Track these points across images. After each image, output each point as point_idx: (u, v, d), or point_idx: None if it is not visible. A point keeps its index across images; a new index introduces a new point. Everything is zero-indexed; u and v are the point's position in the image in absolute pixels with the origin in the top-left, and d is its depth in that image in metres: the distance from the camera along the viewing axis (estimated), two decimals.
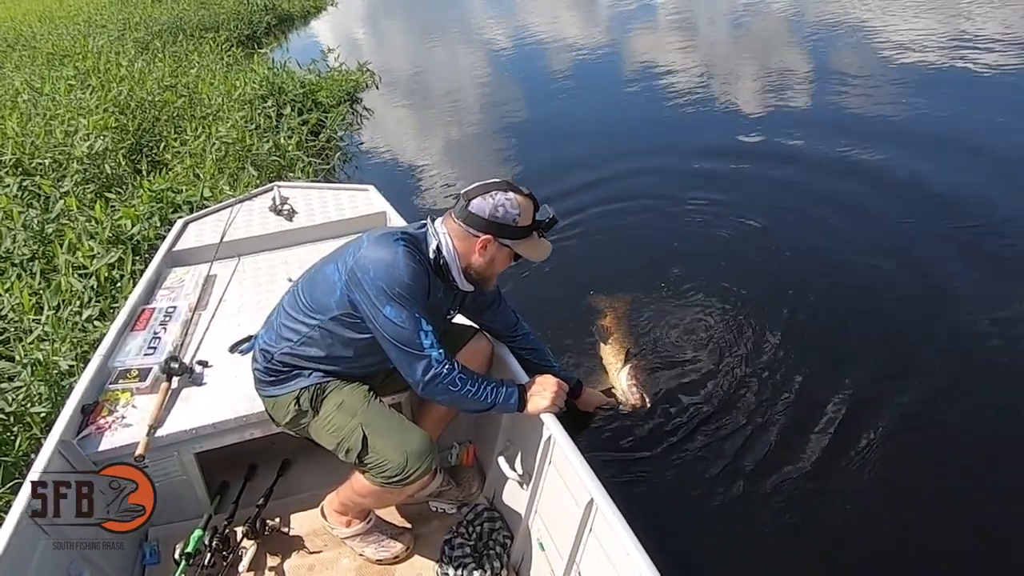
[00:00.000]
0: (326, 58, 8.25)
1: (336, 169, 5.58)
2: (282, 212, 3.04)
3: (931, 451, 2.34)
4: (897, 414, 2.45)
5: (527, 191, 1.76)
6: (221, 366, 2.18)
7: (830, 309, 3.01)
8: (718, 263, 3.39)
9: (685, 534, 2.13)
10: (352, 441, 1.72)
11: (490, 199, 1.70)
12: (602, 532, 1.59)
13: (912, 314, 2.94)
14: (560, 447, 1.74)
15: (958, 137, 4.53)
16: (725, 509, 2.18)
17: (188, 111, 5.74)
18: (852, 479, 2.23)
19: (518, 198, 1.72)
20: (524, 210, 1.73)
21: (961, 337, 2.80)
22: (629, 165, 4.72)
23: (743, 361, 2.75)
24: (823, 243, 3.53)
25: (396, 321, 1.63)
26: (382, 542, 1.98)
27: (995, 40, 6.29)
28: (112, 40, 9.21)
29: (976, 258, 3.26)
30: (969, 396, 2.53)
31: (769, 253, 3.48)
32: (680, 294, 3.20)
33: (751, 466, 2.31)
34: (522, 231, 1.74)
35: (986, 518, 2.10)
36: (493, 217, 1.70)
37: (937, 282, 3.12)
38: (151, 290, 2.61)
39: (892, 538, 2.05)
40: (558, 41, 8.97)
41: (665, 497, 2.27)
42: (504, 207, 1.70)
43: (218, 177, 4.47)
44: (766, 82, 6.19)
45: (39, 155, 4.45)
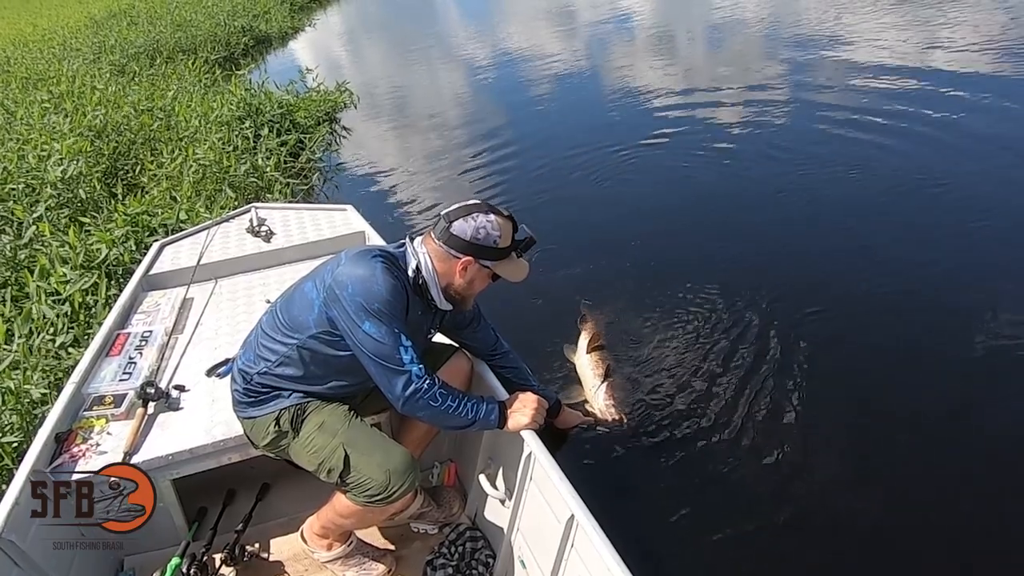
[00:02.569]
0: (304, 79, 8.27)
1: (315, 189, 5.57)
2: (260, 233, 3.03)
3: (913, 467, 2.34)
4: (886, 424, 2.48)
5: (507, 212, 1.79)
6: (198, 390, 2.16)
7: (815, 321, 3.03)
8: (698, 276, 3.42)
9: (666, 550, 2.13)
10: (334, 461, 1.72)
11: (472, 221, 1.72)
12: (583, 548, 1.59)
13: (903, 322, 2.98)
14: (540, 464, 1.74)
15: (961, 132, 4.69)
16: (707, 524, 2.19)
17: (165, 133, 5.71)
18: (836, 495, 2.25)
19: (499, 220, 1.75)
20: (504, 232, 1.75)
21: (946, 341, 2.84)
22: (608, 180, 4.80)
23: (724, 375, 2.76)
24: (809, 252, 3.61)
25: (375, 336, 1.63)
26: (364, 565, 1.96)
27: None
28: (87, 63, 9.14)
29: (969, 261, 3.35)
30: (963, 396, 2.57)
31: (752, 264, 3.51)
32: (660, 308, 3.23)
33: (733, 481, 2.32)
34: (502, 252, 1.76)
35: (987, 517, 2.12)
36: (475, 239, 1.72)
37: (926, 288, 3.18)
38: (126, 315, 2.58)
39: (884, 550, 2.07)
40: (537, 57, 9.06)
41: (646, 512, 2.27)
42: (485, 229, 1.72)
43: (195, 200, 4.45)
44: (751, 87, 6.32)
45: (12, 180, 4.39)
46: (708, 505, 2.24)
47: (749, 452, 2.40)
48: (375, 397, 1.88)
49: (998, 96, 5.26)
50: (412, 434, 2.04)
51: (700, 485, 2.32)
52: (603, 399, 2.58)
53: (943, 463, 2.32)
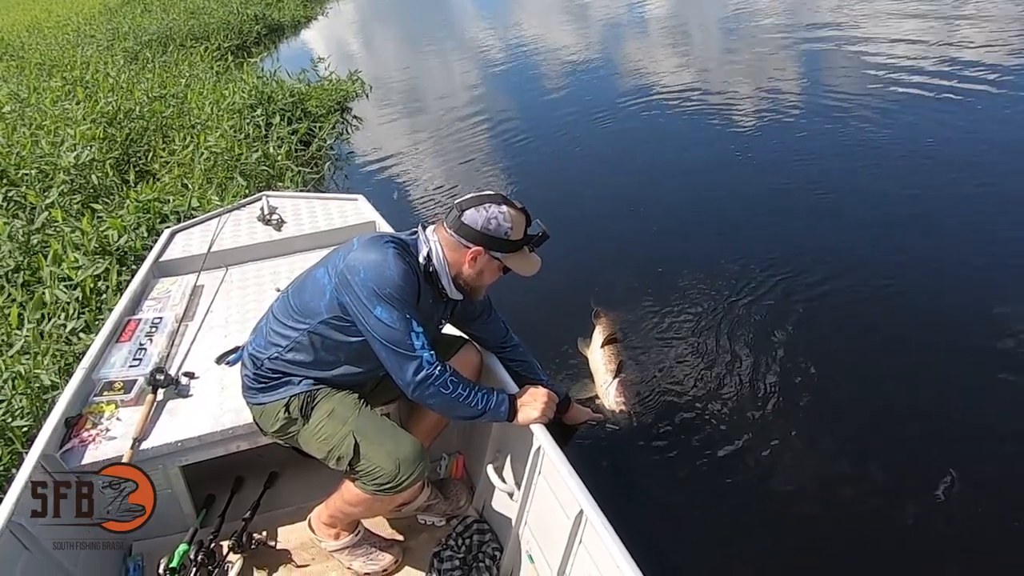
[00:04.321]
0: (316, 67, 8.25)
1: (326, 178, 5.57)
2: (270, 222, 3.03)
3: (921, 464, 2.31)
4: (898, 422, 2.45)
5: (520, 205, 1.77)
6: (208, 378, 2.16)
7: (830, 319, 3.00)
8: (714, 273, 3.39)
9: (675, 546, 2.12)
10: (343, 449, 1.71)
11: (483, 211, 1.70)
12: (592, 544, 1.58)
13: (913, 320, 2.95)
14: (550, 458, 1.73)
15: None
16: (716, 521, 2.18)
17: (177, 121, 5.71)
18: (847, 491, 2.22)
19: (511, 211, 1.72)
20: (516, 224, 1.73)
21: (952, 344, 2.80)
22: (623, 172, 4.76)
23: (737, 373, 2.74)
24: (825, 249, 3.53)
25: (387, 322, 1.62)
26: (371, 555, 1.96)
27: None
28: (101, 50, 9.17)
29: (975, 261, 3.29)
30: (971, 395, 2.54)
31: (766, 263, 3.45)
32: (674, 305, 3.19)
33: (743, 478, 2.30)
34: (513, 245, 1.74)
35: (988, 516, 2.10)
36: (486, 229, 1.70)
37: (933, 287, 3.14)
38: (137, 301, 2.59)
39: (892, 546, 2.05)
40: (551, 48, 9.00)
41: (655, 509, 2.26)
42: (497, 219, 1.70)
43: (206, 187, 4.45)
44: (764, 88, 6.23)
45: (25, 166, 4.41)
46: (717, 502, 2.23)
47: (760, 450, 2.38)
48: (385, 387, 1.87)
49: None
50: (421, 425, 2.03)
51: (712, 485, 2.29)
52: (614, 395, 2.55)
53: (969, 465, 2.26)
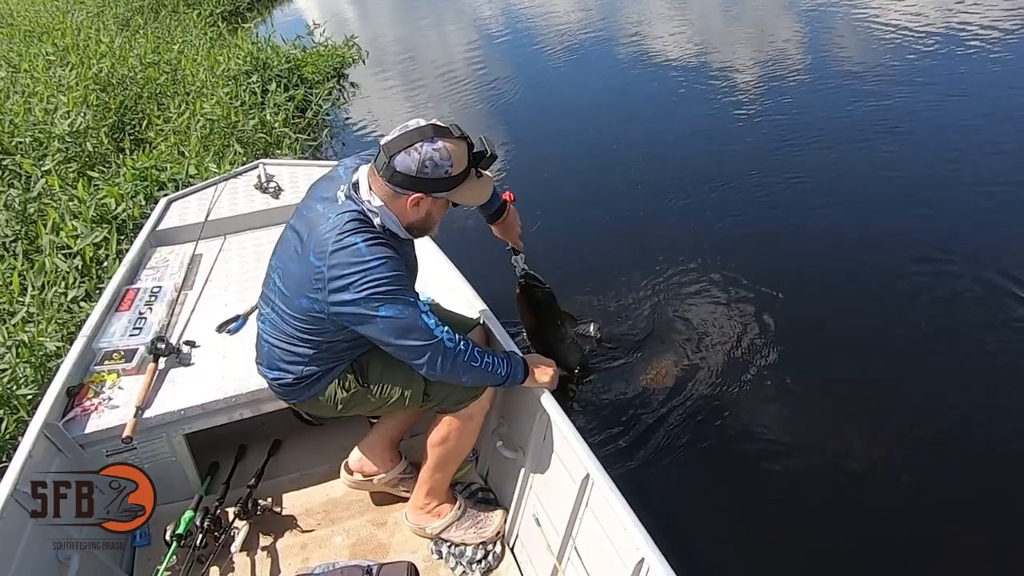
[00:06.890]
0: (312, 33, 8.08)
1: (323, 145, 5.49)
2: (268, 190, 2.98)
3: (929, 445, 2.30)
4: (910, 404, 2.44)
5: (457, 132, 1.53)
6: (209, 346, 2.14)
7: (829, 294, 2.99)
8: (712, 245, 3.37)
9: (682, 509, 2.14)
10: (414, 386, 1.73)
11: (415, 153, 1.48)
12: (599, 507, 1.58)
13: (913, 305, 2.91)
14: (555, 423, 1.72)
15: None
16: (722, 484, 2.20)
17: (171, 88, 5.60)
18: (848, 459, 2.24)
19: (447, 146, 1.50)
20: (456, 158, 1.52)
21: (960, 331, 2.76)
22: (616, 143, 4.69)
23: (740, 340, 2.74)
24: (821, 228, 3.49)
25: (395, 316, 1.51)
26: (477, 520, 1.95)
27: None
28: (92, 16, 8.97)
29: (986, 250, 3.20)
30: (979, 391, 2.49)
31: (761, 238, 3.44)
32: (676, 276, 3.18)
33: (748, 442, 2.32)
34: (456, 180, 1.55)
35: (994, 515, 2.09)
36: (421, 173, 1.50)
37: (934, 274, 3.07)
38: (135, 270, 2.56)
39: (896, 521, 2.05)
40: (550, 17, 8.80)
41: (662, 472, 2.27)
42: (432, 159, 1.49)
43: (203, 155, 4.38)
44: (764, 66, 6.07)
45: (19, 133, 4.34)
46: (725, 468, 2.25)
47: (770, 419, 2.39)
48: None
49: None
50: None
51: (718, 448, 2.31)
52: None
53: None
